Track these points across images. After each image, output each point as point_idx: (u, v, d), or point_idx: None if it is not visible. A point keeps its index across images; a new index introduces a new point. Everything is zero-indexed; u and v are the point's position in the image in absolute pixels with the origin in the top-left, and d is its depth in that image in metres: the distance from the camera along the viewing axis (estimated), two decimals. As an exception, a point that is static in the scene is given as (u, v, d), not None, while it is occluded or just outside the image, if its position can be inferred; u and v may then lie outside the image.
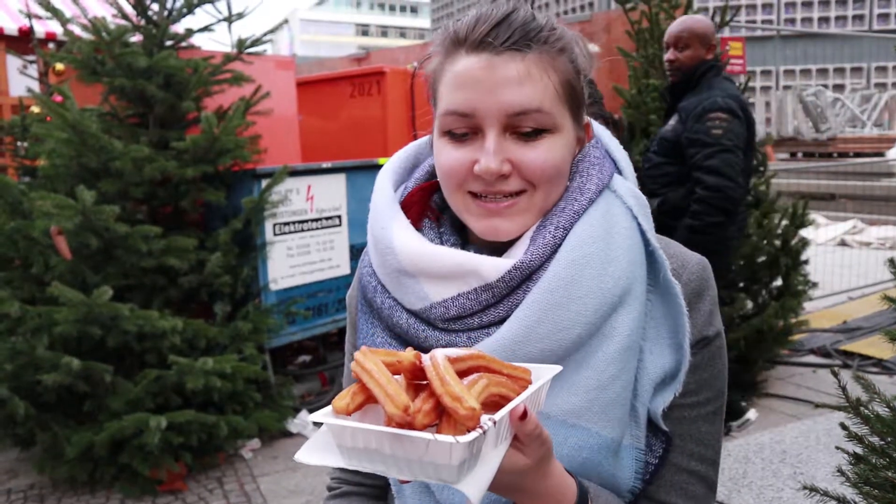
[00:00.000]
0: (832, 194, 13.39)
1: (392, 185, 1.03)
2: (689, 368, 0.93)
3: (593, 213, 0.92)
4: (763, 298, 4.56)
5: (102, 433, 3.27)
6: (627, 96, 4.60)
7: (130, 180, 3.58)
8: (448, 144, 0.92)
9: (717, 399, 0.98)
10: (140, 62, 3.66)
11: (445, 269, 0.90)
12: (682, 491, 0.95)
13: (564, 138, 0.91)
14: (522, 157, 0.89)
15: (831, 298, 6.59)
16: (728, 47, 4.73)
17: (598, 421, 0.87)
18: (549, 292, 0.87)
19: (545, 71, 0.88)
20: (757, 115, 17.52)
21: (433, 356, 0.67)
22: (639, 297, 0.91)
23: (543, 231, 0.91)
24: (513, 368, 0.73)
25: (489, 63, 0.87)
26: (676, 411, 0.94)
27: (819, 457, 3.36)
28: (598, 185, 0.94)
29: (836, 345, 5.22)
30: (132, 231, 3.43)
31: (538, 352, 0.86)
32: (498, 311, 0.90)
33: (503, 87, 0.87)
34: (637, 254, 0.92)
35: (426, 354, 0.69)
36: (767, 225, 4.46)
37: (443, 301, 0.91)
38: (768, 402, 4.34)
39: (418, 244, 0.93)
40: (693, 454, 0.96)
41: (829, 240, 9.53)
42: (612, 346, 0.88)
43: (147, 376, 3.42)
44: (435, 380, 0.64)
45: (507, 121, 0.88)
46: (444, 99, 0.91)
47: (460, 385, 0.63)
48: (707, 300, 0.96)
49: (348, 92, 5.84)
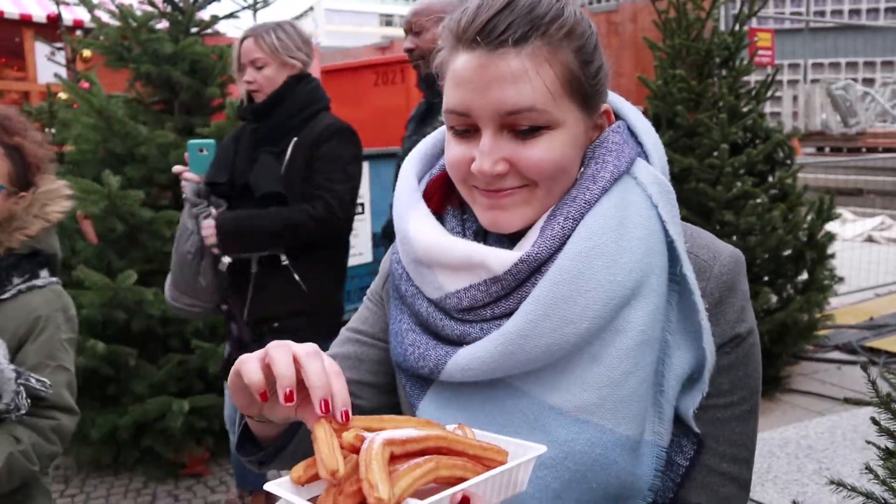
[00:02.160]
0: (860, 189, 13.19)
1: (415, 172, 1.02)
2: (723, 368, 0.91)
3: (606, 202, 0.88)
4: (788, 293, 4.50)
5: (126, 416, 3.31)
6: (653, 87, 4.55)
7: (155, 166, 3.60)
8: (452, 139, 0.91)
9: (752, 398, 0.95)
10: (166, 48, 3.67)
11: (455, 261, 0.90)
12: (713, 493, 0.93)
13: (567, 133, 0.88)
14: (519, 156, 0.87)
15: (857, 295, 6.49)
16: (756, 38, 4.67)
17: (612, 418, 0.85)
18: (556, 286, 0.85)
19: (542, 66, 0.85)
20: (784, 108, 17.28)
21: (373, 438, 0.66)
22: (655, 289, 0.87)
23: (553, 222, 0.89)
24: (483, 449, 0.71)
25: (483, 61, 0.85)
26: (709, 412, 0.92)
27: (845, 453, 3.32)
28: (613, 172, 0.90)
29: (862, 341, 5.15)
30: (156, 216, 3.46)
31: (545, 346, 0.84)
32: (509, 302, 0.88)
33: (496, 87, 0.84)
34: (655, 244, 0.88)
35: (371, 435, 0.68)
36: (793, 219, 4.40)
37: (455, 292, 0.90)
38: (791, 398, 4.29)
39: (431, 235, 0.92)
40: (726, 455, 0.93)
41: (857, 235, 9.40)
42: (626, 341, 0.85)
43: (170, 360, 3.45)
44: (361, 464, 0.64)
45: (502, 119, 0.86)
46: (445, 96, 0.90)
47: (382, 473, 0.62)
48: (739, 295, 0.93)
49: (372, 80, 5.85)
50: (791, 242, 4.38)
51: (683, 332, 0.90)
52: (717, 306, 0.91)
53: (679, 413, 0.90)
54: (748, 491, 0.97)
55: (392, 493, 0.61)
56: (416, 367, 0.94)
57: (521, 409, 0.88)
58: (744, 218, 4.14)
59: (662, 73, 4.55)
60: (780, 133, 4.53)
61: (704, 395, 0.89)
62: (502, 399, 0.89)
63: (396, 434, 0.67)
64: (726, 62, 4.48)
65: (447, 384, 0.92)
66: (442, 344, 0.93)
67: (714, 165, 4.18)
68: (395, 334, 0.99)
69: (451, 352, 0.90)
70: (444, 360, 0.90)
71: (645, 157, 0.96)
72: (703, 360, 0.88)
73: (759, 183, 4.43)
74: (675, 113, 4.36)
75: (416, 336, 0.95)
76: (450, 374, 0.90)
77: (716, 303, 0.91)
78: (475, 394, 0.90)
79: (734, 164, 4.19)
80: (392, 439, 0.66)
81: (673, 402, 0.89)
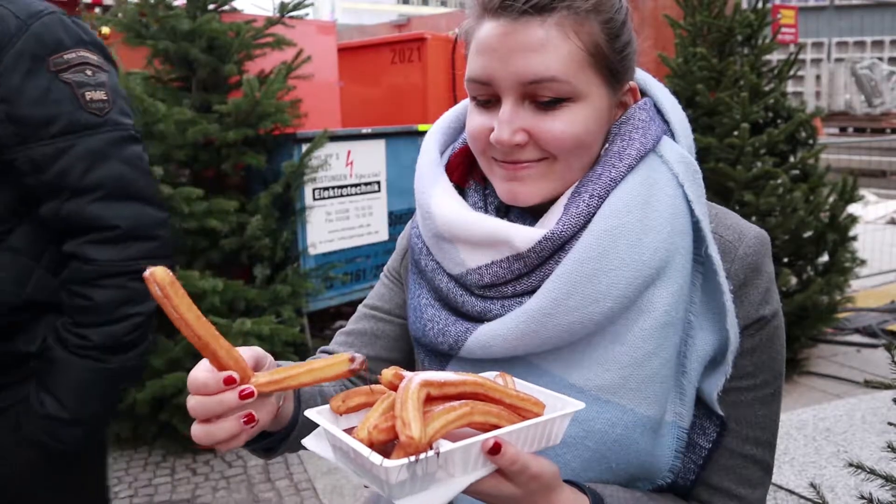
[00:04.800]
0: (883, 171, 13.00)
1: (438, 146, 1.01)
2: (747, 350, 0.90)
3: (632, 180, 0.87)
4: (808, 274, 4.46)
5: (144, 391, 3.35)
6: (673, 65, 4.49)
7: (173, 143, 3.61)
8: (474, 110, 0.90)
9: (775, 381, 0.94)
10: (183, 25, 3.67)
11: (478, 237, 0.89)
12: (736, 475, 0.93)
13: (590, 107, 0.86)
14: (539, 128, 0.85)
15: (879, 277, 6.42)
16: (780, 15, 4.58)
17: (633, 398, 0.84)
18: (580, 264, 0.84)
19: (567, 36, 0.83)
20: (806, 87, 17.02)
21: (411, 378, 0.67)
22: (680, 269, 0.86)
23: (577, 199, 0.87)
24: (521, 399, 0.71)
25: (507, 29, 0.83)
26: (732, 395, 0.91)
27: (864, 436, 3.29)
28: (640, 150, 0.89)
29: (883, 325, 5.09)
30: (174, 193, 3.47)
31: (567, 324, 0.84)
32: (531, 280, 0.87)
33: (518, 55, 0.83)
34: (681, 223, 0.87)
35: (411, 374, 0.68)
36: (815, 200, 4.34)
37: (477, 268, 0.89)
38: (810, 380, 4.26)
39: (454, 210, 0.92)
40: (749, 438, 0.93)
41: (879, 217, 9.27)
42: (649, 321, 0.85)
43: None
44: (397, 401, 0.65)
45: (524, 89, 0.84)
46: (469, 65, 0.89)
47: (416, 411, 0.63)
48: (764, 277, 0.91)
49: (389, 58, 5.81)
50: (812, 224, 4.32)
51: (707, 314, 0.89)
52: (741, 288, 0.90)
53: (702, 395, 0.89)
54: (770, 474, 0.96)
55: (424, 432, 0.62)
56: (436, 342, 0.93)
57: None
58: (764, 198, 4.09)
59: (683, 50, 4.48)
60: (802, 113, 4.46)
61: (728, 378, 0.88)
62: (522, 376, 0.89)
63: (435, 376, 0.68)
64: (748, 40, 4.41)
65: (466, 360, 0.92)
66: (462, 320, 0.92)
67: (734, 145, 4.13)
68: (414, 309, 0.99)
69: (471, 328, 0.90)
70: (465, 336, 0.90)
71: (671, 134, 0.94)
72: (727, 342, 0.87)
73: (780, 163, 4.37)
74: (695, 92, 4.30)
75: (436, 311, 0.95)
76: (470, 350, 0.90)
77: (740, 284, 0.90)
78: (495, 371, 0.90)
79: (755, 143, 4.14)
80: (430, 381, 0.67)
81: (695, 383, 0.89)
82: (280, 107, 3.86)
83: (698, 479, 0.91)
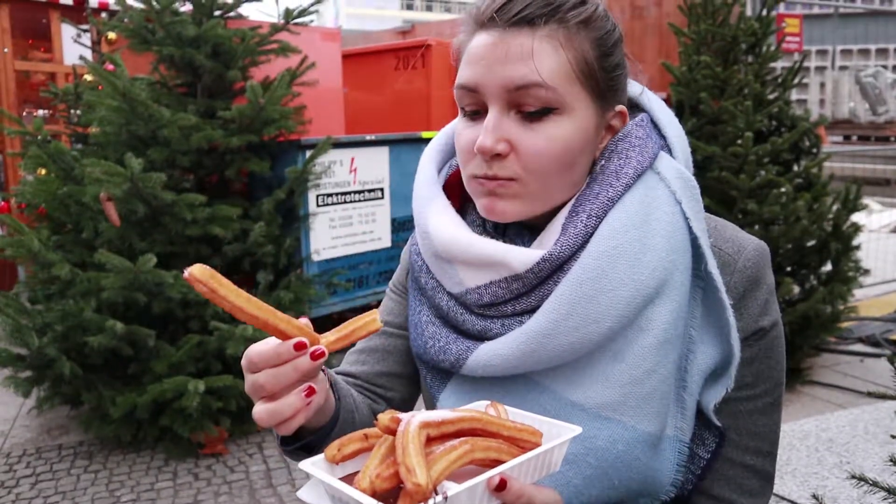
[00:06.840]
0: (887, 179, 12.97)
1: (435, 163, 1.01)
2: (745, 361, 0.90)
3: (629, 199, 0.86)
4: (811, 283, 4.44)
5: (145, 395, 3.35)
6: (677, 73, 4.49)
7: (178, 148, 3.62)
8: (462, 121, 0.90)
9: (775, 390, 0.94)
10: (189, 31, 3.69)
11: (475, 259, 0.88)
12: (736, 485, 0.93)
13: (576, 122, 0.85)
14: (522, 140, 0.84)
15: (883, 286, 6.40)
16: (784, 24, 4.58)
17: (634, 415, 0.84)
18: (579, 285, 0.83)
19: (556, 48, 0.83)
20: (810, 96, 17.00)
21: (409, 421, 0.66)
22: (679, 286, 0.86)
23: (576, 220, 0.86)
24: (518, 430, 0.71)
25: (497, 39, 0.84)
26: (731, 405, 0.91)
27: (867, 447, 3.28)
28: (637, 168, 0.88)
29: (887, 334, 5.07)
30: (178, 199, 3.48)
31: (567, 344, 0.83)
32: (531, 299, 0.87)
33: (507, 62, 0.83)
34: (679, 241, 0.87)
35: (408, 416, 0.68)
36: (818, 208, 4.33)
37: (476, 287, 0.89)
38: (813, 390, 4.25)
39: (450, 231, 0.91)
40: (748, 448, 0.93)
41: (883, 226, 9.25)
42: (648, 339, 0.85)
43: (189, 341, 3.49)
44: (398, 447, 0.64)
45: (510, 97, 0.84)
46: (458, 74, 0.89)
47: (419, 456, 0.62)
48: (764, 289, 0.91)
49: (393, 65, 5.83)
50: (815, 233, 4.31)
51: (708, 328, 0.89)
52: (741, 300, 0.90)
53: (702, 406, 0.89)
54: (771, 483, 0.96)
55: (430, 477, 0.61)
56: (437, 359, 0.94)
57: (541, 404, 0.87)
58: (767, 207, 4.09)
59: (687, 59, 4.48)
60: (806, 121, 4.45)
61: (727, 389, 0.88)
62: (523, 393, 0.89)
63: (432, 416, 0.68)
64: (753, 48, 4.41)
65: (468, 377, 0.92)
66: (463, 338, 0.92)
67: (738, 154, 4.12)
68: (415, 326, 0.99)
69: (472, 346, 0.90)
70: (466, 354, 0.90)
71: (668, 149, 0.94)
72: (730, 356, 0.87)
73: (783, 172, 4.36)
74: (699, 100, 4.30)
75: (437, 329, 0.95)
76: (471, 368, 0.90)
77: (740, 297, 0.90)
78: (496, 387, 0.90)
79: (758, 152, 4.13)
80: (428, 422, 0.67)
81: (696, 396, 0.89)
82: (284, 113, 3.88)
83: (698, 488, 0.91)
